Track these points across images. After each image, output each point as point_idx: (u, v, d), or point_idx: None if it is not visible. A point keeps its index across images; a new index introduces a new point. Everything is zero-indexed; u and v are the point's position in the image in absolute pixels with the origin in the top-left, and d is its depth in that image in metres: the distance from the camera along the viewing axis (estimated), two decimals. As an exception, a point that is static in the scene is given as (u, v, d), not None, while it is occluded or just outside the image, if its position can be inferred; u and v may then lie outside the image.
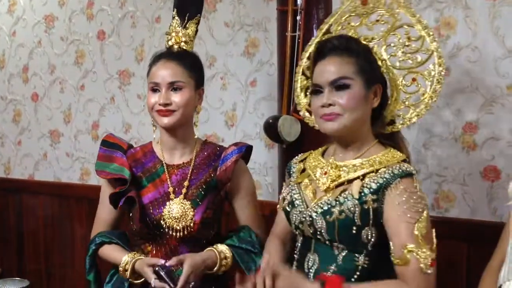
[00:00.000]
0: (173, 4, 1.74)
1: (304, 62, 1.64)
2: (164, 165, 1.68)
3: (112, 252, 1.66)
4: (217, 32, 2.58)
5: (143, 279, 1.58)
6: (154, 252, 1.64)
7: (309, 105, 1.62)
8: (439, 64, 1.45)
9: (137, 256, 1.61)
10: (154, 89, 1.63)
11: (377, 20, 1.53)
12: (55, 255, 3.21)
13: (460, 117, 1.99)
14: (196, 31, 1.74)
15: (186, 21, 1.69)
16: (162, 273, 1.49)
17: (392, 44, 1.49)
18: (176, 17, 1.70)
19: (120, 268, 1.60)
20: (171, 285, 1.48)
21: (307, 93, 1.62)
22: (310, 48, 1.63)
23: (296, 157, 1.61)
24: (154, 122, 1.69)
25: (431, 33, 1.47)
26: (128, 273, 1.58)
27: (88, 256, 1.70)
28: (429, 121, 2.05)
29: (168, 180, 1.66)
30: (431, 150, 2.06)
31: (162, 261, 1.52)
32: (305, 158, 1.56)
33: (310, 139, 1.91)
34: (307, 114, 1.64)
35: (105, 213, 1.72)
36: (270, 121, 2.07)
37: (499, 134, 1.92)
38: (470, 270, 1.95)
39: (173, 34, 1.70)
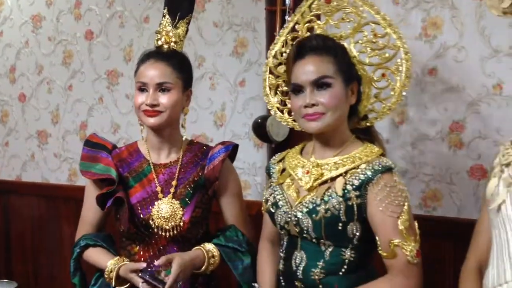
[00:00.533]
0: (164, 3, 1.72)
1: (271, 61, 1.64)
2: (151, 164, 1.67)
3: (97, 255, 1.64)
4: (206, 32, 2.58)
5: (128, 284, 1.57)
6: (141, 253, 1.63)
7: (280, 103, 1.66)
8: (406, 60, 1.49)
9: (121, 261, 1.59)
10: (142, 88, 1.62)
11: (343, 19, 1.56)
12: (43, 257, 3.18)
13: (447, 116, 2.01)
14: (187, 31, 1.73)
15: (177, 20, 1.68)
16: (147, 277, 1.49)
17: (360, 41, 1.52)
18: (167, 16, 1.69)
19: (105, 274, 1.59)
20: (160, 286, 1.47)
21: (277, 92, 1.65)
22: (276, 47, 1.64)
23: (274, 157, 1.63)
24: (140, 122, 1.68)
25: (396, 30, 1.51)
26: (113, 281, 1.57)
27: (72, 259, 1.68)
28: (416, 120, 2.07)
29: (156, 179, 1.65)
30: (418, 149, 2.07)
31: (144, 265, 1.52)
32: (283, 158, 1.58)
33: (299, 139, 1.91)
34: (278, 112, 1.66)
35: (90, 214, 1.71)
36: (259, 121, 2.08)
37: (486, 133, 1.94)
38: (456, 267, 1.93)
39: (163, 33, 1.68)
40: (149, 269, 1.51)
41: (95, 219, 1.71)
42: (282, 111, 1.67)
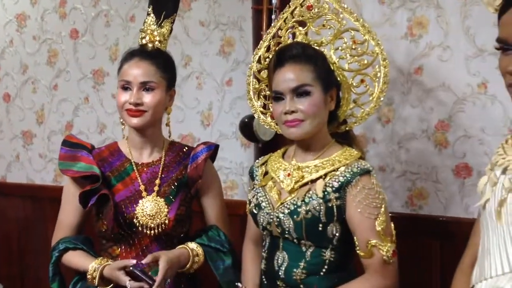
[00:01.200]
0: (148, 1, 1.71)
1: (254, 66, 1.68)
2: (133, 163, 1.66)
3: (77, 258, 1.62)
4: (192, 31, 2.56)
5: (112, 285, 1.55)
6: (124, 254, 1.62)
7: (263, 107, 1.71)
8: (384, 66, 1.55)
9: (105, 262, 1.57)
10: (125, 87, 1.61)
11: (323, 25, 1.61)
12: (29, 258, 3.15)
13: (432, 115, 2.02)
14: (171, 30, 1.73)
15: (162, 19, 1.68)
16: (138, 272, 1.48)
17: (340, 48, 1.58)
18: (152, 15, 1.68)
19: (88, 276, 1.56)
20: (150, 282, 1.47)
21: (260, 96, 1.70)
22: (260, 52, 1.69)
23: (257, 160, 1.68)
24: (123, 120, 1.67)
25: (374, 37, 1.56)
26: (96, 280, 1.55)
27: (51, 263, 1.65)
28: (402, 119, 2.07)
29: (139, 178, 1.64)
30: (404, 148, 2.08)
31: (133, 261, 1.51)
32: (266, 161, 1.63)
33: (286, 139, 1.91)
34: (261, 116, 1.70)
35: (69, 216, 1.68)
36: (246, 120, 2.07)
37: (470, 132, 1.95)
38: (443, 266, 1.97)
39: (148, 32, 1.68)
40: (139, 264, 1.51)
41: (73, 221, 1.68)
42: (265, 115, 1.71)
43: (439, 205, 2.03)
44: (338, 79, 1.56)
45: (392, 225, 1.45)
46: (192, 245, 1.62)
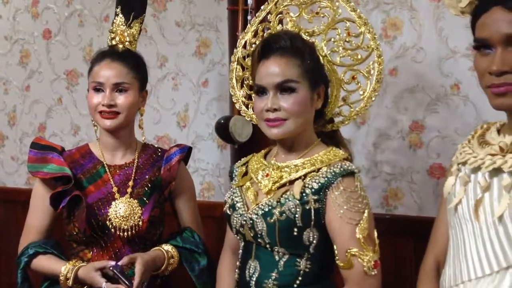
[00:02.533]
0: (115, 1, 1.70)
1: (239, 51, 1.59)
2: (105, 165, 1.64)
3: (48, 262, 1.58)
4: (168, 31, 2.54)
5: (86, 286, 1.53)
6: (96, 258, 1.59)
7: (245, 97, 1.59)
8: (378, 63, 1.45)
9: (79, 263, 1.55)
10: (97, 88, 1.59)
11: (317, 13, 1.50)
12: (2, 263, 3.08)
13: (407, 116, 2.04)
14: (140, 31, 1.71)
15: (131, 20, 1.66)
16: (118, 273, 1.45)
17: (332, 39, 1.47)
18: (120, 15, 1.67)
19: (61, 278, 1.53)
20: (128, 284, 1.44)
21: (243, 85, 1.58)
22: (247, 36, 1.59)
23: (240, 160, 1.58)
24: (95, 122, 1.65)
25: (371, 30, 1.46)
26: (70, 281, 1.52)
27: (20, 269, 1.61)
28: (378, 120, 2.09)
29: (111, 180, 1.62)
30: (380, 148, 2.10)
31: (113, 262, 1.49)
32: (247, 162, 1.54)
33: (262, 140, 1.89)
34: (243, 107, 1.60)
35: (37, 220, 1.65)
36: (222, 121, 2.05)
37: (444, 133, 1.98)
38: (417, 265, 1.97)
39: (118, 32, 1.66)
40: (118, 265, 1.48)
41: (42, 225, 1.65)
42: (247, 106, 1.60)
43: (413, 205, 2.05)
44: (328, 74, 1.45)
45: (376, 233, 1.32)
46: (167, 247, 1.61)
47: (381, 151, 2.09)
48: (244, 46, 1.58)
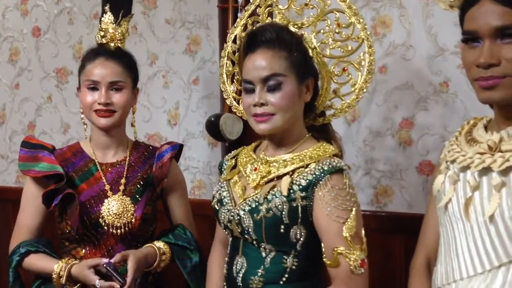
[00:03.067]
0: None
1: (229, 46, 1.57)
2: (97, 163, 1.64)
3: (41, 261, 1.58)
4: (158, 29, 2.53)
5: (79, 285, 1.52)
6: (89, 256, 1.59)
7: (236, 93, 1.57)
8: (369, 54, 1.43)
9: (72, 261, 1.55)
10: (92, 87, 1.59)
11: (306, 4, 1.48)
12: (-9, 263, 3.06)
13: (397, 114, 2.04)
14: (127, 29, 1.72)
15: (120, 18, 1.67)
16: (112, 271, 1.45)
17: (322, 31, 1.45)
18: (109, 13, 1.66)
19: (54, 275, 1.53)
20: (121, 281, 1.44)
21: (234, 80, 1.56)
22: (236, 30, 1.58)
23: (230, 153, 1.56)
24: (86, 121, 1.65)
25: (361, 20, 1.43)
26: (63, 279, 1.51)
27: (12, 268, 1.61)
28: (368, 117, 2.09)
29: (103, 177, 1.62)
30: (370, 146, 2.10)
31: (106, 260, 1.48)
32: (237, 155, 1.51)
33: (253, 137, 1.90)
34: (234, 102, 1.58)
35: (28, 218, 1.64)
36: (212, 119, 2.05)
37: (433, 130, 1.99)
38: (407, 261, 1.98)
39: (110, 30, 1.66)
40: (111, 263, 1.48)
41: (33, 224, 1.64)
42: (238, 102, 1.57)
43: (403, 202, 2.06)
44: (317, 66, 1.42)
45: (363, 231, 1.31)
46: (159, 243, 1.61)
47: (371, 149, 2.10)
48: (234, 41, 1.56)
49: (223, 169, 1.52)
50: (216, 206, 1.45)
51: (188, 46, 2.48)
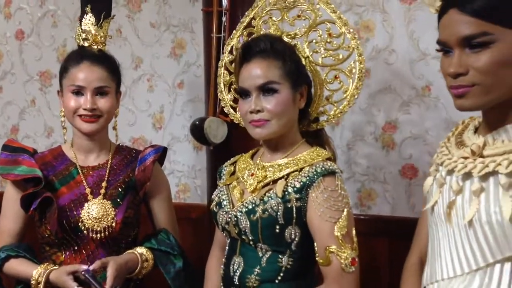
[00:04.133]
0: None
1: (226, 56, 1.61)
2: (78, 167, 1.62)
3: (21, 266, 1.56)
4: (143, 32, 2.53)
5: None
6: (68, 261, 1.57)
7: (233, 101, 1.61)
8: (359, 62, 1.48)
9: (50, 267, 1.53)
10: (77, 92, 1.57)
11: (298, 16, 1.53)
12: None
13: (380, 117, 2.06)
14: (107, 31, 1.70)
15: (101, 20, 1.65)
16: (90, 278, 1.43)
17: (314, 41, 1.50)
18: (90, 14, 1.64)
19: (33, 281, 1.51)
20: None
21: (231, 89, 1.61)
22: (233, 42, 1.62)
23: (229, 160, 1.61)
24: (66, 125, 1.63)
25: (351, 30, 1.49)
26: (41, 285, 1.49)
27: None
28: (352, 121, 2.11)
29: (84, 181, 1.60)
30: (354, 149, 2.12)
31: (85, 266, 1.47)
32: (236, 161, 1.57)
33: (238, 141, 1.92)
34: (231, 110, 1.62)
35: (9, 223, 1.62)
36: (197, 123, 2.05)
37: (416, 134, 2.01)
38: (391, 264, 2.02)
39: (92, 32, 1.64)
40: (90, 270, 1.46)
41: (15, 228, 1.62)
42: (235, 109, 1.63)
43: (387, 205, 2.07)
44: (310, 74, 1.48)
45: (354, 231, 1.36)
46: (141, 249, 1.59)
47: (355, 152, 2.12)
48: (231, 52, 1.60)
49: (222, 175, 1.57)
50: (214, 208, 1.50)
51: (173, 49, 2.48)
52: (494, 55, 1.03)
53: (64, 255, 1.57)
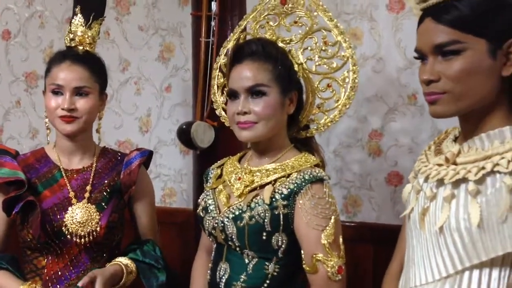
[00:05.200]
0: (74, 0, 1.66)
1: (221, 59, 1.61)
2: (62, 169, 1.60)
3: (4, 280, 1.51)
4: (131, 35, 2.52)
5: None
6: (51, 266, 1.53)
7: (226, 104, 1.59)
8: (353, 71, 1.48)
9: (34, 286, 1.50)
10: (56, 91, 1.55)
11: (295, 22, 1.54)
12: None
13: (366, 125, 2.08)
14: (99, 32, 1.68)
15: (91, 20, 1.63)
16: None
17: (309, 48, 1.50)
18: (79, 15, 1.62)
19: None
20: None
21: (224, 91, 1.60)
22: (229, 44, 1.61)
23: (216, 163, 1.60)
24: (50, 126, 1.61)
25: (347, 39, 1.49)
26: None
27: None
28: (339, 128, 2.12)
29: (68, 184, 1.58)
30: (340, 156, 2.13)
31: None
32: (223, 164, 1.55)
33: (224, 146, 1.91)
34: (223, 113, 1.62)
35: None
36: (184, 127, 2.05)
37: (401, 141, 2.03)
38: (376, 270, 2.03)
39: (78, 33, 1.62)
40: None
41: None
42: (227, 112, 1.59)
43: (372, 212, 2.09)
44: (302, 81, 1.48)
45: (341, 239, 1.35)
46: (126, 261, 1.56)
47: (341, 159, 2.13)
48: (226, 54, 1.60)
49: (208, 178, 1.56)
50: (201, 213, 1.48)
51: (161, 53, 2.47)
52: (464, 63, 1.06)
53: (46, 259, 1.54)
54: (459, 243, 1.07)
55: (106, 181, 1.61)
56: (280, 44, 1.51)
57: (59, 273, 1.52)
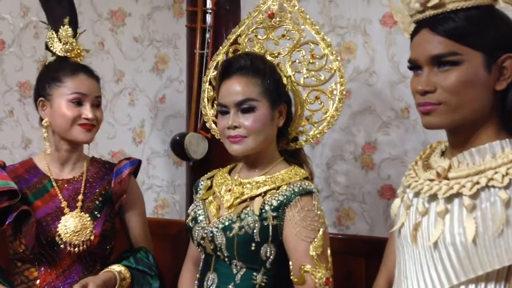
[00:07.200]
0: (59, 11, 1.68)
1: (211, 72, 1.63)
2: (52, 179, 1.60)
3: None
4: (126, 46, 2.53)
5: None
6: (43, 277, 1.52)
7: (216, 116, 1.60)
8: (340, 84, 1.49)
9: None
10: (76, 101, 1.56)
11: (283, 35, 1.56)
12: None
13: (360, 137, 2.09)
14: None
15: (78, 33, 1.67)
16: None
17: (297, 61, 1.52)
18: (67, 26, 1.65)
19: None
20: None
21: (214, 104, 1.62)
22: (218, 58, 1.63)
23: (206, 175, 1.61)
24: (49, 136, 1.61)
25: (334, 52, 1.51)
26: None
27: None
28: (332, 140, 2.13)
29: (59, 194, 1.58)
30: (333, 169, 2.13)
31: None
32: (213, 176, 1.57)
33: (218, 157, 1.91)
34: (213, 125, 1.63)
35: None
36: (177, 138, 2.05)
37: (395, 155, 2.03)
38: (368, 283, 2.00)
39: (74, 45, 1.65)
40: None
41: None
42: (217, 125, 1.60)
43: (365, 225, 2.09)
44: (291, 94, 1.50)
45: (329, 251, 1.37)
46: (119, 268, 1.55)
47: (334, 172, 2.13)
48: (216, 67, 1.61)
49: (199, 189, 1.57)
50: (190, 223, 1.49)
51: (155, 64, 2.48)
52: (461, 74, 1.06)
53: (38, 271, 1.53)
54: (454, 258, 1.07)
55: (97, 190, 1.62)
56: (269, 58, 1.53)
57: (52, 283, 1.51)
